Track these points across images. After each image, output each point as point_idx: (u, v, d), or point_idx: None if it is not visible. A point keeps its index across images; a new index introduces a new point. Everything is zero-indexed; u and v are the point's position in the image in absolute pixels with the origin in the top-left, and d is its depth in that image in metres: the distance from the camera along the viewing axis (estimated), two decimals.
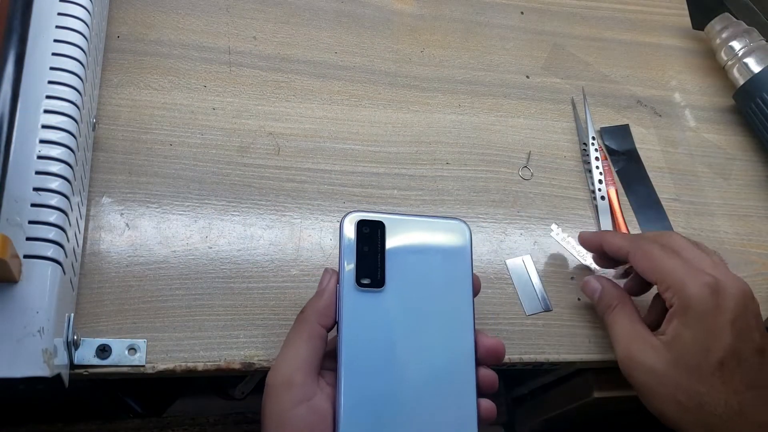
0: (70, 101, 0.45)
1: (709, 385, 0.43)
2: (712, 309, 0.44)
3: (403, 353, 0.40)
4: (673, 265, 0.46)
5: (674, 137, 0.71)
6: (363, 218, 0.41)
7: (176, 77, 0.59)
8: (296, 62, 0.64)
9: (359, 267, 0.40)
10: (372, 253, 0.41)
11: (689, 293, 0.44)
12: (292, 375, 0.39)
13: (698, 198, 0.67)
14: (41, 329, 0.38)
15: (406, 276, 0.41)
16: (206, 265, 0.52)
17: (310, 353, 0.40)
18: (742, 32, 0.73)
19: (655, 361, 0.45)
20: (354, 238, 0.41)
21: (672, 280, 0.46)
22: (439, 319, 0.41)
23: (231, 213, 0.55)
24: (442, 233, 0.42)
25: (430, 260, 0.41)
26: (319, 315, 0.41)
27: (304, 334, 0.41)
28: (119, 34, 0.60)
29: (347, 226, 0.41)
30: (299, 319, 0.42)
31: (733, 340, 0.44)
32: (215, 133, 0.58)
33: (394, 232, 0.41)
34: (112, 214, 0.52)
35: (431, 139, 0.63)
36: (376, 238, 0.41)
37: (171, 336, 0.49)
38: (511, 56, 0.71)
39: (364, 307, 0.40)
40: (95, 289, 0.49)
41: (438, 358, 0.40)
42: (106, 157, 0.54)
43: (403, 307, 0.40)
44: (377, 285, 0.40)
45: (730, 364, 0.43)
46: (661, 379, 0.45)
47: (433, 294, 0.41)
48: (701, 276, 0.45)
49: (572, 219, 0.62)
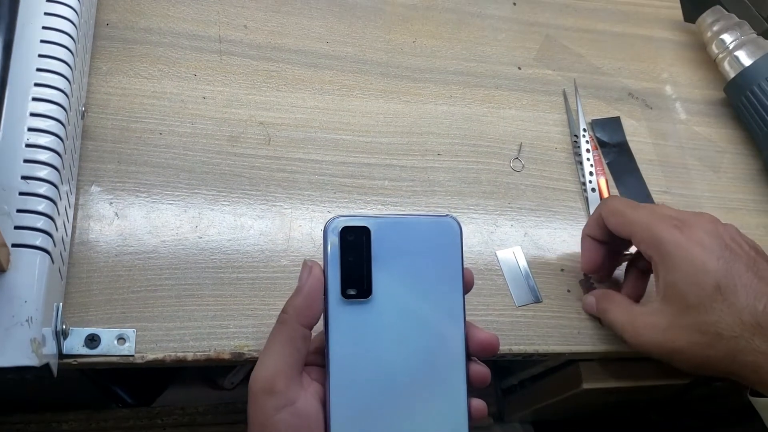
0: (58, 89, 0.44)
1: (717, 314, 0.43)
2: (685, 244, 0.45)
3: (393, 359, 0.40)
4: (639, 215, 0.48)
5: (665, 130, 0.71)
6: (347, 225, 0.39)
7: (166, 66, 0.59)
8: (287, 51, 0.63)
9: (344, 278, 0.39)
10: (357, 262, 0.39)
11: (660, 238, 0.46)
12: (273, 380, 0.38)
13: (688, 190, 0.68)
14: (29, 319, 0.38)
15: (394, 281, 0.40)
16: (196, 255, 0.52)
17: (291, 356, 0.39)
18: (733, 25, 0.73)
19: (660, 321, 0.46)
20: (338, 247, 0.39)
21: (642, 230, 0.47)
22: (428, 321, 0.40)
23: (221, 203, 0.54)
24: (431, 232, 0.40)
25: (419, 261, 0.40)
26: (299, 315, 0.40)
27: (284, 337, 0.39)
28: (108, 22, 0.59)
29: (330, 235, 0.39)
30: (280, 319, 0.40)
31: (717, 263, 0.44)
32: (205, 123, 0.57)
33: (381, 236, 0.39)
34: (101, 204, 0.52)
35: (423, 130, 0.63)
36: (361, 245, 0.39)
37: (160, 326, 0.48)
38: (503, 47, 0.71)
39: (351, 317, 0.39)
40: (84, 278, 0.49)
41: (427, 361, 0.40)
42: (95, 145, 0.54)
43: (392, 313, 0.40)
44: (364, 295, 0.39)
45: (728, 285, 0.44)
46: (674, 333, 0.45)
47: (421, 295, 0.40)
48: (667, 219, 0.47)
49: (563, 211, 0.62)
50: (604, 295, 0.54)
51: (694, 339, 0.44)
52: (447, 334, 0.40)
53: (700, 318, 0.44)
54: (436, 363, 0.40)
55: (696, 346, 0.45)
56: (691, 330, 0.45)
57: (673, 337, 0.45)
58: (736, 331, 0.43)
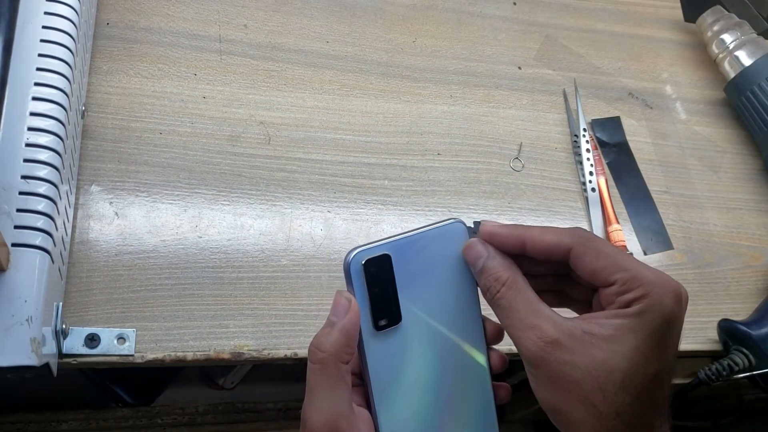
0: (58, 88, 0.44)
1: (634, 397, 0.38)
2: (669, 320, 0.38)
3: (426, 372, 0.40)
4: (636, 264, 0.39)
5: (665, 129, 0.71)
6: (368, 257, 0.38)
7: (166, 65, 0.59)
8: (287, 51, 0.63)
9: (375, 310, 0.39)
10: (384, 291, 0.39)
11: (657, 300, 0.38)
12: (336, 423, 0.37)
13: (688, 190, 0.68)
14: (29, 318, 0.38)
15: (418, 298, 0.40)
16: (196, 255, 0.52)
17: (344, 395, 0.38)
18: (734, 25, 0.73)
19: (579, 354, 0.37)
20: (363, 281, 0.38)
21: (641, 280, 0.38)
22: (452, 326, 0.41)
23: (221, 202, 0.54)
24: (441, 240, 0.40)
25: (436, 272, 0.40)
26: (339, 353, 0.38)
27: (333, 378, 0.38)
28: (109, 21, 0.59)
29: (354, 271, 0.38)
30: (318, 358, 0.38)
31: (672, 354, 0.39)
32: (205, 122, 0.57)
33: (400, 259, 0.39)
34: (101, 203, 0.52)
35: (423, 129, 0.63)
36: (384, 273, 0.39)
37: (160, 325, 0.48)
38: (504, 47, 0.71)
39: (385, 345, 0.39)
40: (84, 278, 0.49)
41: (456, 366, 0.41)
42: (95, 145, 0.54)
43: (420, 329, 0.40)
44: (395, 322, 0.39)
45: (664, 380, 0.38)
46: (583, 376, 0.37)
47: (442, 303, 0.41)
48: (669, 281, 0.39)
49: (563, 210, 0.62)
50: (513, 277, 0.40)
51: (595, 402, 0.37)
52: (469, 333, 0.41)
53: (618, 390, 0.37)
54: (463, 366, 0.41)
55: (590, 409, 0.38)
56: (600, 393, 0.37)
57: (580, 383, 0.37)
58: (634, 427, 0.38)
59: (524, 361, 0.38)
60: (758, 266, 0.65)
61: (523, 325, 0.38)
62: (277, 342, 0.50)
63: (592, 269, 0.40)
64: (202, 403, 0.77)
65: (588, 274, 0.40)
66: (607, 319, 0.38)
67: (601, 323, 0.38)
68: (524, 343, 0.38)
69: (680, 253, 0.64)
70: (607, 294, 0.39)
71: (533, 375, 0.38)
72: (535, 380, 0.39)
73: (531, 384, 0.39)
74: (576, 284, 0.42)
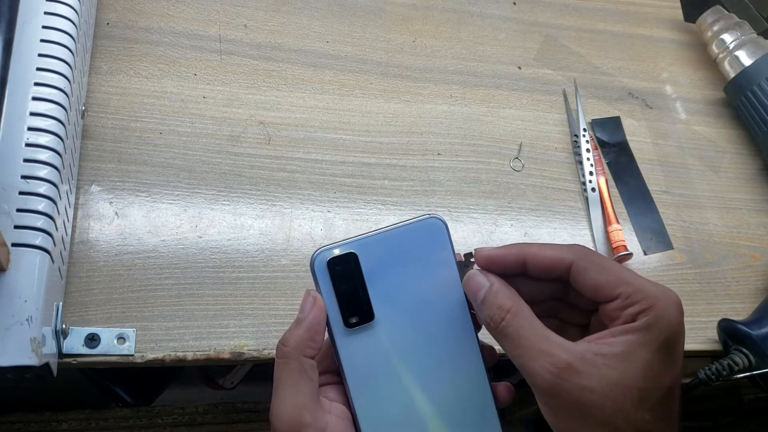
0: (58, 88, 0.44)
1: (653, 413, 0.37)
2: (676, 331, 0.38)
3: (410, 365, 0.40)
4: (638, 278, 0.39)
5: (665, 129, 0.71)
6: (332, 256, 0.38)
7: (166, 65, 0.59)
8: (287, 51, 0.63)
9: (344, 308, 0.39)
10: (352, 289, 0.39)
11: (663, 312, 0.37)
12: (299, 416, 0.38)
13: (688, 190, 0.68)
14: (29, 318, 0.38)
15: (394, 296, 0.39)
16: (196, 255, 0.52)
17: (308, 388, 0.38)
18: (734, 25, 0.73)
19: (594, 377, 0.36)
20: (329, 280, 0.38)
21: (645, 293, 0.38)
22: (436, 323, 0.40)
23: (221, 202, 0.54)
24: (417, 237, 0.40)
25: (412, 269, 0.39)
26: (302, 347, 0.39)
27: (294, 371, 0.38)
28: (109, 21, 0.59)
29: (318, 271, 0.38)
30: (282, 353, 0.39)
31: (680, 366, 0.38)
32: (205, 122, 0.57)
33: (368, 256, 0.39)
34: (101, 203, 0.52)
35: (423, 129, 0.63)
36: (351, 271, 0.39)
37: (160, 325, 0.48)
38: (504, 47, 0.71)
39: (360, 342, 0.39)
40: (84, 277, 0.49)
41: (443, 360, 0.40)
42: (95, 145, 0.54)
43: (399, 326, 0.39)
44: (367, 319, 0.39)
45: (676, 392, 0.38)
46: (601, 399, 0.36)
47: (423, 301, 0.40)
48: (670, 293, 0.38)
49: (563, 210, 0.62)
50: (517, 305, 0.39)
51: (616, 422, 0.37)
52: (457, 329, 0.40)
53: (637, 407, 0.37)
54: (453, 360, 0.40)
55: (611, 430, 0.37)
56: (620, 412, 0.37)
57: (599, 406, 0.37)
58: None
59: (537, 392, 0.37)
60: (758, 266, 0.65)
61: (534, 352, 0.37)
62: (277, 342, 0.50)
63: (594, 284, 0.39)
64: (202, 403, 0.77)
65: (590, 288, 0.39)
66: (615, 337, 0.37)
67: (609, 342, 0.37)
68: (537, 371, 0.37)
69: (680, 253, 0.64)
70: (611, 309, 0.38)
71: (548, 406, 0.37)
72: (550, 411, 0.37)
73: (545, 415, 0.38)
74: (573, 308, 0.41)
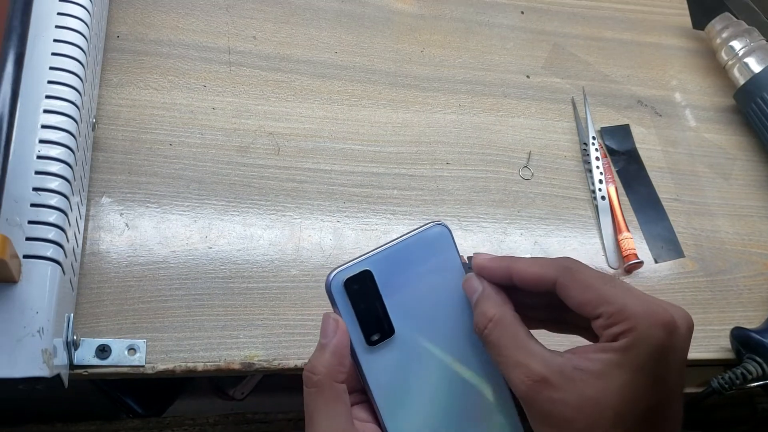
0: (69, 101, 0.45)
1: None
2: (661, 352, 0.37)
3: (434, 380, 0.40)
4: (623, 296, 0.37)
5: (674, 137, 0.71)
6: (348, 276, 0.38)
7: (176, 77, 0.59)
8: (296, 62, 0.64)
9: (364, 327, 0.39)
10: (371, 307, 0.39)
11: (644, 334, 0.36)
12: None
13: (699, 198, 0.67)
14: (41, 329, 0.38)
15: (410, 308, 0.39)
16: (206, 265, 0.52)
17: (343, 414, 0.38)
18: (743, 32, 0.72)
19: (569, 391, 0.36)
20: (347, 301, 0.38)
21: (626, 314, 0.37)
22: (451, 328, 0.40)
23: (231, 213, 0.54)
24: (425, 246, 0.40)
25: (425, 279, 0.40)
26: (333, 373, 0.38)
27: (330, 399, 0.38)
28: (119, 34, 0.60)
29: (336, 292, 0.38)
30: (314, 383, 0.38)
31: (671, 385, 0.37)
32: (215, 133, 0.58)
33: (383, 272, 0.39)
34: (112, 214, 0.52)
35: (431, 138, 0.63)
36: (368, 289, 0.39)
37: (171, 336, 0.49)
38: (512, 56, 0.71)
39: (383, 358, 0.39)
40: (95, 289, 0.49)
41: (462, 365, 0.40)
42: (105, 157, 0.54)
43: (418, 337, 0.40)
44: (388, 335, 0.39)
45: (653, 419, 0.37)
46: (574, 414, 0.36)
47: (439, 310, 0.40)
48: (659, 312, 0.37)
49: (572, 219, 0.62)
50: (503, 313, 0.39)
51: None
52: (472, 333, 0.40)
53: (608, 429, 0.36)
54: (471, 364, 0.40)
55: None
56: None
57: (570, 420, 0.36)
58: None
59: (518, 398, 0.38)
60: None
61: (511, 362, 0.38)
62: (288, 352, 0.50)
63: (577, 302, 0.39)
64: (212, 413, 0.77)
65: (575, 306, 0.39)
66: (596, 353, 0.37)
67: (590, 358, 0.37)
68: (513, 381, 0.37)
69: (692, 261, 0.64)
70: (596, 326, 0.38)
71: (527, 411, 0.38)
72: (529, 418, 0.38)
73: (528, 419, 0.38)
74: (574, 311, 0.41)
